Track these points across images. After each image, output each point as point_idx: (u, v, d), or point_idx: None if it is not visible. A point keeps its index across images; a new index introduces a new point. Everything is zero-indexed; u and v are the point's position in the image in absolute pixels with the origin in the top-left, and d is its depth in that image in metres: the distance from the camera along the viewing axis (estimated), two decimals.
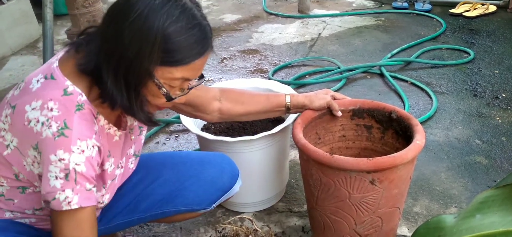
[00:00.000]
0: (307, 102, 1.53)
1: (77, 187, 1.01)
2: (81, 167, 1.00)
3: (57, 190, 0.99)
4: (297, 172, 2.06)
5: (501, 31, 3.48)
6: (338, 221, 1.41)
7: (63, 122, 0.98)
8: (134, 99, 1.03)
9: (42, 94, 1.00)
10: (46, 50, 2.24)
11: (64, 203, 1.00)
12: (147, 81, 1.02)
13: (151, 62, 0.98)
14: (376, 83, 2.86)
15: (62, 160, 0.98)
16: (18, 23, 3.82)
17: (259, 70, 3.17)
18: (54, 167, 0.98)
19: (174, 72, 1.02)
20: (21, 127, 1.00)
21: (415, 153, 1.31)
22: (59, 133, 0.97)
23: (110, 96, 1.02)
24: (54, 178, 0.99)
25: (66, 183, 0.99)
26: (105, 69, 1.00)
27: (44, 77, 1.03)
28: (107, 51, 0.99)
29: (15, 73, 3.37)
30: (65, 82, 1.01)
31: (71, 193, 1.00)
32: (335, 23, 3.94)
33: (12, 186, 1.10)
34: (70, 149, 0.98)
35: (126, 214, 1.38)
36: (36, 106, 0.99)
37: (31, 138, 0.99)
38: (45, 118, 0.98)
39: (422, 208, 1.82)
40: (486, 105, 2.52)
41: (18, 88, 1.07)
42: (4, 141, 1.04)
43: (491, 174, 1.99)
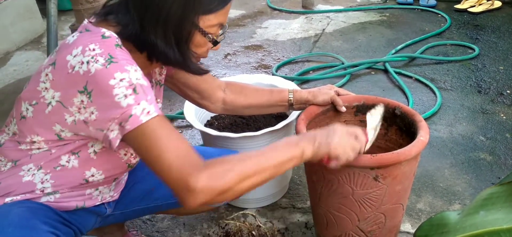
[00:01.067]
0: (310, 97, 1.52)
1: (149, 98, 1.02)
2: (141, 81, 1.02)
3: (132, 105, 0.99)
4: (300, 168, 2.06)
5: (506, 27, 3.47)
6: (341, 218, 1.41)
7: (108, 54, 1.00)
8: (186, 52, 1.11)
9: (81, 42, 1.02)
10: (51, 46, 2.25)
11: (143, 115, 0.99)
12: (194, 33, 1.10)
13: (196, 14, 1.07)
14: (380, 79, 2.85)
15: (123, 80, 0.99)
16: (22, 18, 3.83)
17: (262, 66, 3.17)
18: (118, 89, 0.98)
19: (212, 19, 1.10)
20: (65, 76, 1.01)
21: (419, 149, 1.31)
22: (108, 61, 0.99)
23: (163, 55, 1.09)
24: (123, 97, 0.99)
25: (138, 96, 1.00)
26: (152, 31, 1.06)
27: (79, 32, 1.07)
28: (151, 14, 1.05)
29: (19, 68, 3.38)
30: (101, 30, 1.05)
31: (146, 104, 1.01)
32: (339, 19, 3.93)
33: (52, 146, 1.11)
34: (125, 69, 1.00)
35: (143, 200, 1.41)
36: (77, 53, 1.01)
37: (78, 82, 1.00)
38: (89, 57, 0.99)
39: (426, 205, 1.81)
40: (490, 102, 2.51)
41: (53, 54, 1.09)
42: (45, 100, 1.05)
43: (495, 170, 1.99)
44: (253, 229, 1.56)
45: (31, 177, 1.12)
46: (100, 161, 1.16)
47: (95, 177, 1.18)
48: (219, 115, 1.95)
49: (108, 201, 1.32)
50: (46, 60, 1.10)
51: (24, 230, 1.06)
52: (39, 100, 1.06)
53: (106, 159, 1.16)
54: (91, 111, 1.02)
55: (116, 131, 1.02)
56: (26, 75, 3.22)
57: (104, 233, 1.56)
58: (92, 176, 1.17)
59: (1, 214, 1.08)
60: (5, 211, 1.08)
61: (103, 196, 1.28)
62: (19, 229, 1.05)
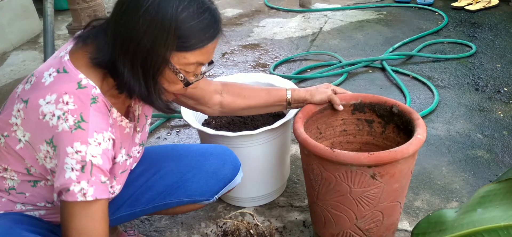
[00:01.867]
0: (308, 96, 1.52)
1: (93, 179, 1.01)
2: (97, 159, 1.01)
3: (73, 182, 0.99)
4: (298, 166, 2.06)
5: (503, 25, 3.47)
6: (339, 216, 1.41)
7: (80, 115, 0.99)
8: (152, 87, 1.06)
9: (56, 88, 1.00)
10: (47, 45, 2.24)
11: (79, 194, 1.00)
12: (164, 69, 1.04)
13: (167, 49, 1.01)
14: (378, 78, 2.85)
15: (79, 152, 0.99)
16: (19, 18, 3.82)
17: (260, 64, 3.16)
18: (70, 159, 0.99)
19: (189, 57, 1.04)
20: (35, 121, 1.01)
21: (416, 147, 1.31)
22: (76, 126, 0.98)
23: (128, 86, 1.04)
24: (70, 170, 0.99)
25: (82, 175, 1.00)
26: (121, 60, 1.02)
27: (56, 71, 1.04)
28: (121, 43, 1.01)
29: (16, 68, 3.37)
30: (78, 75, 1.02)
31: (87, 184, 1.00)
32: (336, 17, 3.93)
33: (23, 180, 1.11)
34: (87, 141, 0.99)
35: (129, 206, 1.39)
36: (50, 100, 0.99)
37: (45, 132, 1.00)
38: (61, 111, 0.98)
39: (423, 203, 1.82)
40: (487, 99, 2.52)
41: (28, 83, 1.07)
42: (16, 136, 1.05)
43: (493, 168, 1.99)
44: (251, 228, 1.56)
45: (12, 197, 1.14)
46: None
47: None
48: None
49: None
50: (20, 87, 1.08)
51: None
52: (11, 134, 1.06)
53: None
54: (55, 163, 1.03)
55: (55, 194, 1.03)
56: (23, 75, 3.21)
57: None
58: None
59: None
60: None
61: None
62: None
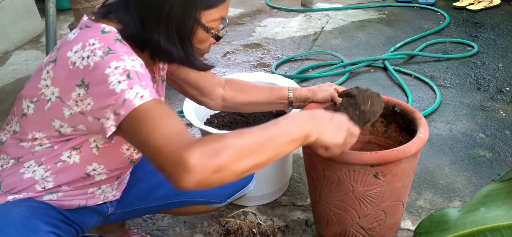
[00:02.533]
0: (310, 95, 1.52)
1: (143, 83, 0.98)
2: (137, 68, 0.99)
3: (125, 91, 0.95)
4: (300, 166, 2.06)
5: (505, 25, 3.47)
6: (342, 215, 1.41)
7: (107, 47, 1.00)
8: (189, 49, 1.11)
9: (81, 38, 1.02)
10: (49, 45, 2.24)
11: (136, 99, 0.95)
12: (196, 29, 1.10)
13: (197, 10, 1.07)
14: (380, 77, 2.85)
15: (118, 67, 0.97)
16: (21, 18, 3.82)
17: (262, 64, 3.16)
18: (113, 76, 0.96)
19: (214, 13, 1.11)
20: (66, 73, 1.01)
21: (418, 147, 1.31)
22: (106, 53, 0.98)
23: (166, 53, 1.09)
24: (117, 84, 0.95)
25: (131, 81, 0.96)
26: (154, 30, 1.06)
27: (79, 29, 1.06)
28: (152, 13, 1.05)
29: (18, 68, 3.38)
30: (101, 25, 1.05)
31: (140, 88, 0.96)
32: (338, 17, 3.93)
33: (54, 142, 1.11)
34: (121, 58, 0.98)
35: (144, 199, 1.41)
36: (77, 49, 1.00)
37: (77, 76, 1.00)
38: (89, 51, 0.99)
39: (426, 202, 1.82)
40: (490, 99, 2.51)
41: (53, 51, 1.09)
42: (45, 97, 1.06)
43: (495, 167, 1.99)
44: (254, 227, 1.56)
45: (32, 174, 1.12)
46: (102, 156, 1.16)
47: (97, 171, 1.18)
48: (218, 113, 1.95)
49: (110, 200, 1.32)
50: (46, 58, 1.10)
51: (24, 231, 1.05)
52: (40, 98, 1.06)
53: (108, 154, 1.16)
54: (88, 103, 1.00)
55: (111, 119, 0.98)
56: (25, 75, 3.22)
57: (105, 231, 1.56)
58: (93, 170, 1.17)
59: (2, 214, 1.07)
60: (6, 210, 1.08)
61: (105, 195, 1.28)
62: (19, 230, 1.05)
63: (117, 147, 1.17)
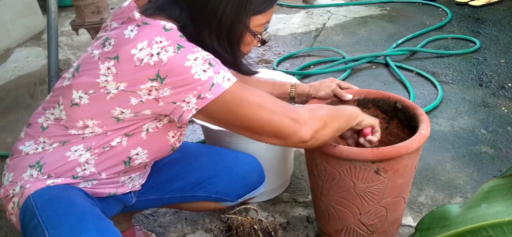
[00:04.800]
0: (312, 91, 1.52)
1: (225, 68, 1.06)
2: (212, 55, 1.06)
3: (212, 77, 1.03)
4: (302, 162, 2.06)
5: (508, 20, 3.46)
6: (343, 211, 1.41)
7: (177, 44, 1.03)
8: (236, 53, 1.16)
9: (145, 36, 1.03)
10: (51, 42, 2.24)
11: (224, 81, 1.04)
12: (245, 34, 1.14)
13: (247, 15, 1.11)
14: (381, 73, 2.85)
15: (197, 59, 1.02)
16: (22, 15, 3.82)
17: (263, 60, 3.16)
18: (195, 66, 1.02)
19: (261, 18, 1.16)
20: (132, 69, 1.03)
21: (420, 143, 1.31)
22: (178, 49, 1.02)
23: (217, 56, 1.10)
24: (202, 72, 1.02)
25: (215, 67, 1.04)
26: (206, 34, 1.09)
27: (136, 25, 1.07)
28: (205, 18, 1.08)
29: (20, 65, 3.38)
30: (160, 22, 1.06)
31: (225, 71, 1.06)
32: (340, 13, 3.92)
33: (107, 130, 1.13)
34: (195, 51, 1.03)
35: (159, 190, 1.44)
36: (143, 46, 1.02)
37: (148, 72, 1.02)
38: (158, 48, 1.01)
39: (427, 198, 1.82)
40: (491, 95, 2.51)
41: (106, 46, 1.08)
42: (105, 90, 1.07)
43: (497, 163, 1.98)
44: (255, 223, 1.56)
45: (78, 157, 1.14)
46: (149, 141, 1.19)
47: (139, 155, 1.20)
48: None
49: (136, 189, 1.35)
50: (98, 51, 1.09)
51: (101, 221, 1.09)
52: (98, 91, 1.08)
53: (154, 140, 1.20)
54: (164, 91, 1.04)
55: (192, 103, 1.05)
56: (27, 72, 3.22)
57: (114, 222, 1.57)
58: (136, 155, 1.20)
59: (64, 200, 1.09)
60: (64, 196, 1.10)
61: (133, 183, 1.32)
62: (97, 219, 1.08)
63: (164, 133, 1.21)
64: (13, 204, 1.12)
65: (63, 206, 1.08)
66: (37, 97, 2.87)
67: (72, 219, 1.05)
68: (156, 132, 1.19)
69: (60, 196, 1.11)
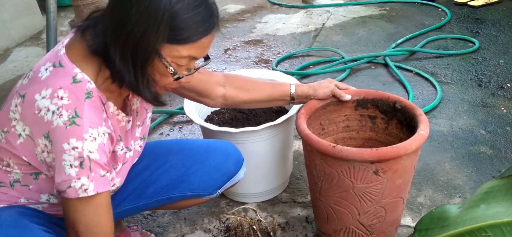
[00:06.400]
0: (311, 92, 1.52)
1: (92, 174, 1.02)
2: (94, 154, 1.02)
3: (73, 178, 1.01)
4: (300, 162, 2.06)
5: (507, 21, 3.46)
6: (342, 211, 1.41)
7: (74, 111, 0.99)
8: (140, 77, 1.04)
9: (52, 83, 1.00)
10: (50, 42, 2.24)
11: (80, 191, 1.02)
12: (154, 59, 1.03)
13: (158, 40, 0.99)
14: (381, 74, 2.85)
15: (76, 148, 0.99)
16: (21, 14, 3.82)
17: (262, 60, 3.16)
18: (68, 156, 0.99)
19: (181, 50, 1.03)
20: (32, 116, 1.01)
21: (419, 143, 1.31)
22: (71, 121, 0.99)
23: (118, 74, 1.04)
24: (69, 166, 1.00)
25: (81, 171, 1.01)
26: (113, 47, 1.01)
27: (53, 65, 1.04)
28: (114, 30, 1.01)
29: (19, 64, 3.37)
30: (73, 70, 1.03)
31: (87, 180, 1.02)
32: (339, 13, 3.92)
33: (26, 173, 1.12)
34: (83, 137, 1.00)
35: (133, 200, 1.40)
36: (46, 95, 0.99)
37: (42, 127, 1.00)
38: (55, 107, 0.98)
39: (426, 198, 1.82)
40: (491, 95, 2.51)
41: (26, 78, 1.08)
42: (16, 131, 1.05)
43: (496, 164, 1.99)
44: (254, 224, 1.56)
45: (15, 193, 1.15)
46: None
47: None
48: (219, 110, 1.95)
49: None
50: (19, 83, 1.09)
51: (17, 229, 1.07)
52: (10, 130, 1.07)
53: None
54: (53, 158, 1.03)
55: (56, 191, 1.05)
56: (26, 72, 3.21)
57: None
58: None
59: None
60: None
61: None
62: (12, 228, 1.07)
63: None
64: None
65: None
66: None
67: None
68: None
69: None
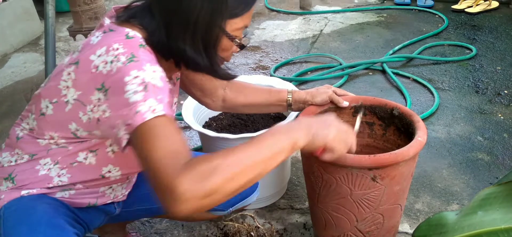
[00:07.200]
0: (309, 98, 1.53)
1: (159, 97, 0.96)
2: (157, 81, 0.98)
3: (139, 102, 0.94)
4: (298, 169, 2.06)
5: (504, 27, 3.47)
6: (340, 218, 1.41)
7: (131, 54, 0.99)
8: (214, 58, 1.12)
9: (105, 42, 1.01)
10: (48, 47, 2.24)
11: (148, 112, 0.93)
12: (221, 38, 1.11)
13: (223, 18, 1.08)
14: (378, 80, 2.86)
15: (137, 77, 0.96)
16: (20, 20, 3.82)
17: (260, 67, 3.17)
18: (131, 85, 0.95)
19: (239, 22, 1.12)
20: (89, 76, 1.01)
21: (416, 150, 1.31)
22: (129, 60, 0.97)
23: (192, 61, 1.09)
24: (133, 93, 0.95)
25: (147, 94, 0.95)
26: (180, 38, 1.06)
27: (102, 32, 1.05)
28: (179, 21, 1.05)
29: (17, 70, 3.37)
30: (125, 29, 1.04)
31: (154, 101, 0.95)
32: (337, 20, 3.94)
33: (69, 143, 1.12)
34: (143, 68, 0.97)
35: (147, 200, 1.41)
36: (101, 53, 1.00)
37: (98, 80, 0.99)
38: (113, 56, 0.98)
39: (424, 205, 1.82)
40: (488, 102, 2.52)
41: (75, 52, 1.08)
42: (65, 99, 1.05)
43: (493, 170, 1.99)
44: (252, 230, 1.56)
45: (47, 171, 1.13)
46: (118, 159, 1.17)
47: (112, 173, 1.19)
48: (217, 116, 1.95)
49: (119, 200, 1.33)
50: (67, 59, 1.09)
51: (55, 230, 1.07)
52: (60, 99, 1.06)
53: (124, 157, 1.16)
54: (103, 110, 1.00)
55: (122, 130, 0.97)
56: (24, 77, 3.22)
57: (105, 232, 1.56)
58: (108, 172, 1.18)
59: (27, 210, 1.08)
60: (29, 206, 1.09)
61: (115, 194, 1.29)
62: (50, 229, 1.06)
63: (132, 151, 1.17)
64: None
65: (22, 217, 1.07)
66: None
67: (24, 230, 1.04)
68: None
69: (25, 207, 1.09)
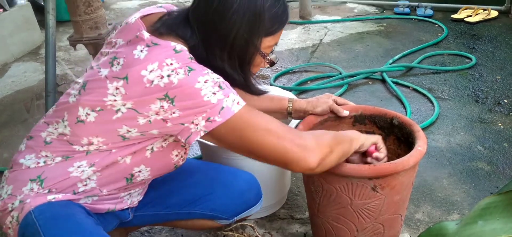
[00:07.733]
0: (309, 107, 1.53)
1: (234, 92, 1.07)
2: (221, 78, 1.07)
3: (222, 99, 1.04)
4: (299, 178, 2.06)
5: (503, 37, 3.48)
6: (340, 228, 1.40)
7: (187, 66, 1.03)
8: (247, 74, 1.17)
9: (155, 57, 1.04)
10: (48, 57, 2.25)
11: (233, 105, 1.05)
12: (255, 55, 1.16)
13: (259, 37, 1.13)
14: (378, 89, 2.86)
15: (207, 81, 1.03)
16: (20, 29, 3.83)
17: (260, 76, 3.17)
18: (205, 88, 1.03)
19: (271, 40, 1.17)
20: (142, 90, 1.03)
21: (416, 159, 1.31)
22: (188, 71, 1.03)
23: (230, 78, 1.12)
24: (212, 95, 1.03)
25: (225, 90, 1.05)
26: (218, 55, 1.11)
27: (146, 45, 1.07)
28: (217, 39, 1.09)
29: (17, 79, 3.38)
30: (170, 44, 1.07)
31: (234, 95, 1.06)
32: (336, 29, 3.95)
33: (107, 150, 1.14)
34: (204, 73, 1.04)
35: (155, 206, 1.43)
36: (153, 68, 1.03)
37: (157, 92, 1.03)
38: (169, 71, 1.02)
39: (424, 215, 1.81)
40: (488, 111, 2.52)
41: (115, 65, 1.09)
42: (113, 108, 1.07)
43: (493, 180, 1.99)
44: None
45: (80, 173, 1.14)
46: (153, 159, 1.19)
47: (142, 173, 1.21)
48: None
49: (134, 205, 1.34)
50: (106, 71, 1.10)
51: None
52: (106, 108, 1.08)
53: (158, 158, 1.20)
54: (172, 112, 1.04)
55: (200, 126, 1.05)
56: (24, 87, 3.22)
57: None
58: (139, 172, 1.20)
59: (68, 218, 1.10)
60: (68, 214, 1.11)
61: (132, 200, 1.31)
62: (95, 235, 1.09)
63: (169, 152, 1.21)
64: (12, 218, 1.12)
65: (69, 226, 1.09)
66: (34, 112, 2.86)
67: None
68: (160, 151, 1.19)
69: (63, 214, 1.10)
